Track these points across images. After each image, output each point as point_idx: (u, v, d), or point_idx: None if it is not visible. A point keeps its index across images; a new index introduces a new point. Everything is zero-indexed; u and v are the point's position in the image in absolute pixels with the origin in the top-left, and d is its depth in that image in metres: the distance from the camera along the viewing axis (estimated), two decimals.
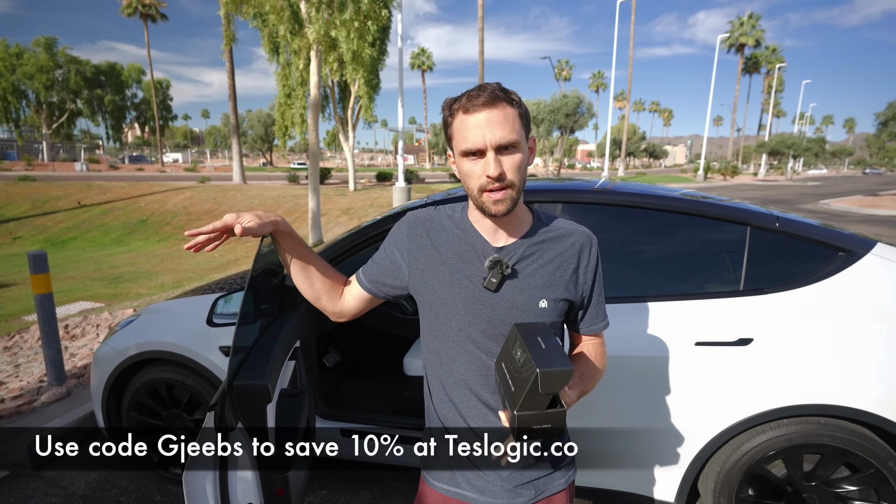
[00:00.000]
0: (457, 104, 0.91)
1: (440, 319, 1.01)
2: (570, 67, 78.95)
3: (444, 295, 1.00)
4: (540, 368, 0.72)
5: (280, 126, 17.79)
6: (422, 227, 1.05)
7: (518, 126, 0.90)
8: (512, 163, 0.90)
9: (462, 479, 1.02)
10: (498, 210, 0.91)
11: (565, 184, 2.17)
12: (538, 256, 0.99)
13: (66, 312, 5.40)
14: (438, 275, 1.01)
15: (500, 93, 0.89)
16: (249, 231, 0.97)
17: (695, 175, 39.43)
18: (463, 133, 0.90)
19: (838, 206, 16.72)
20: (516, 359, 0.81)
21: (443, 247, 1.02)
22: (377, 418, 2.15)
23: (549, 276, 0.98)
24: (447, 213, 1.06)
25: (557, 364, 0.74)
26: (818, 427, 1.63)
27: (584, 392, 0.96)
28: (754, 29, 51.05)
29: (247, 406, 1.14)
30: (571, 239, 1.01)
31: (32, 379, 3.41)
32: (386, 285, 1.09)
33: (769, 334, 1.68)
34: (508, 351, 0.85)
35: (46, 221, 14.26)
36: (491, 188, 0.90)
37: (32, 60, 35.90)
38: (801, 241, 1.79)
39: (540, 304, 0.97)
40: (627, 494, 1.89)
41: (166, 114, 50.25)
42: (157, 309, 2.44)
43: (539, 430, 0.79)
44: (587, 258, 1.01)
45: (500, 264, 0.95)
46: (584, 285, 1.02)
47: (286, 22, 8.67)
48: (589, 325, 1.06)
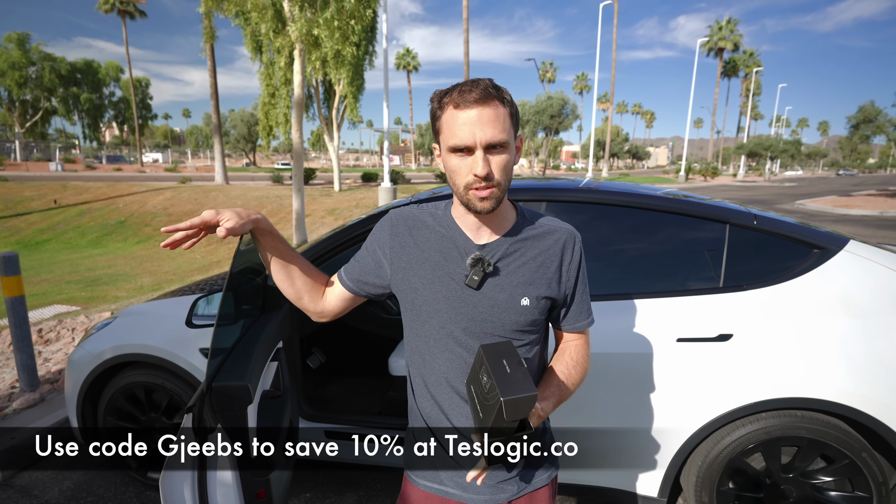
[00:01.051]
0: (447, 98, 0.89)
1: (422, 317, 1.00)
2: (555, 69, 79.65)
3: (425, 293, 0.99)
4: (503, 397, 0.73)
5: (264, 126, 17.58)
6: (404, 225, 1.04)
7: (508, 126, 0.89)
8: (499, 162, 0.89)
9: (445, 475, 1.02)
10: (483, 207, 0.91)
11: (548, 182, 2.19)
12: (521, 254, 0.99)
13: (41, 316, 5.24)
14: (420, 272, 1.00)
15: (493, 90, 0.88)
16: (231, 231, 0.95)
17: (676, 176, 40.14)
18: (452, 129, 0.88)
19: (814, 206, 17.20)
20: (482, 383, 0.81)
21: (425, 244, 1.01)
22: (362, 419, 2.13)
23: (532, 274, 0.98)
24: (430, 211, 1.05)
25: (521, 391, 0.74)
26: (795, 420, 1.67)
27: (561, 400, 0.97)
28: (732, 33, 52.20)
29: (227, 407, 1.12)
30: (555, 236, 1.01)
31: (4, 385, 3.29)
32: (368, 284, 1.08)
33: (748, 330, 1.72)
34: (476, 374, 0.85)
35: (19, 223, 13.82)
36: (477, 186, 0.89)
37: (4, 57, 34.80)
38: (778, 238, 1.83)
39: (522, 302, 0.97)
40: (611, 490, 1.90)
41: (146, 113, 49.20)
42: (134, 311, 2.37)
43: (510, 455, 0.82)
44: (570, 255, 1.01)
45: (481, 262, 0.95)
46: (566, 283, 1.02)
47: (269, 20, 8.57)
48: (572, 323, 1.06)
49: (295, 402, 1.85)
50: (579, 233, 1.05)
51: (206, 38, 10.46)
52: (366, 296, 1.10)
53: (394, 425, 2.05)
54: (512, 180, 0.97)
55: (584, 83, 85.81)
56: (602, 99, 74.78)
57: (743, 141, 53.22)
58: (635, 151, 72.88)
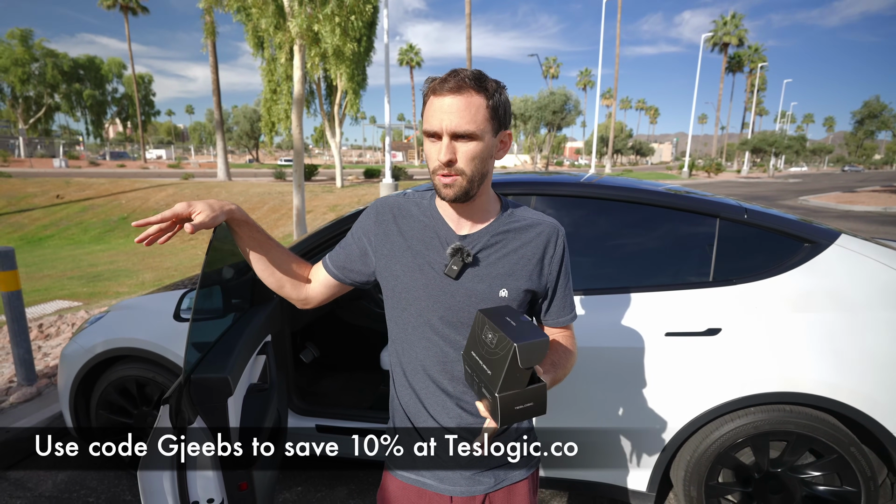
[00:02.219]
0: (431, 84, 0.91)
1: (401, 304, 1.01)
2: (558, 65, 79.26)
3: (405, 280, 0.99)
4: (517, 342, 0.71)
5: (266, 122, 17.57)
6: (389, 213, 1.05)
7: (482, 117, 0.88)
8: (467, 151, 0.89)
9: (422, 465, 1.03)
10: (446, 194, 0.92)
11: (538, 176, 2.18)
12: (502, 246, 0.98)
13: (42, 311, 5.27)
14: (402, 260, 1.00)
15: (471, 80, 0.87)
16: (201, 226, 0.94)
17: (680, 172, 39.94)
18: (428, 114, 0.90)
19: (817, 203, 17.08)
20: (487, 342, 0.79)
21: (409, 233, 1.02)
22: (353, 413, 2.13)
23: (512, 266, 0.98)
24: (415, 200, 1.05)
25: (533, 336, 0.73)
26: (783, 414, 1.66)
27: (556, 379, 0.96)
28: (737, 28, 51.78)
29: (205, 400, 1.12)
30: (537, 229, 1.01)
31: (2, 379, 3.32)
32: (353, 271, 1.07)
33: (736, 324, 1.71)
34: (477, 337, 0.84)
35: (22, 219, 13.90)
36: (441, 172, 0.90)
37: (7, 53, 34.90)
38: (769, 232, 1.82)
39: (500, 294, 0.96)
40: (600, 485, 1.90)
41: (149, 109, 49.32)
42: (126, 305, 2.38)
43: (522, 410, 0.78)
44: (553, 249, 1.01)
45: (461, 252, 0.95)
46: (548, 276, 1.01)
47: (269, 16, 8.55)
48: (555, 318, 1.06)
49: (283, 396, 1.85)
50: (571, 227, 1.04)
51: (207, 34, 10.46)
52: (350, 283, 1.10)
53: (386, 419, 2.05)
54: (489, 173, 0.96)
55: (588, 79, 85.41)
56: (605, 95, 74.39)
57: (747, 137, 52.87)
58: (639, 147, 72.57)
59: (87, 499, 2.21)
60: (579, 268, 1.90)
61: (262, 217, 12.98)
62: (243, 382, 1.41)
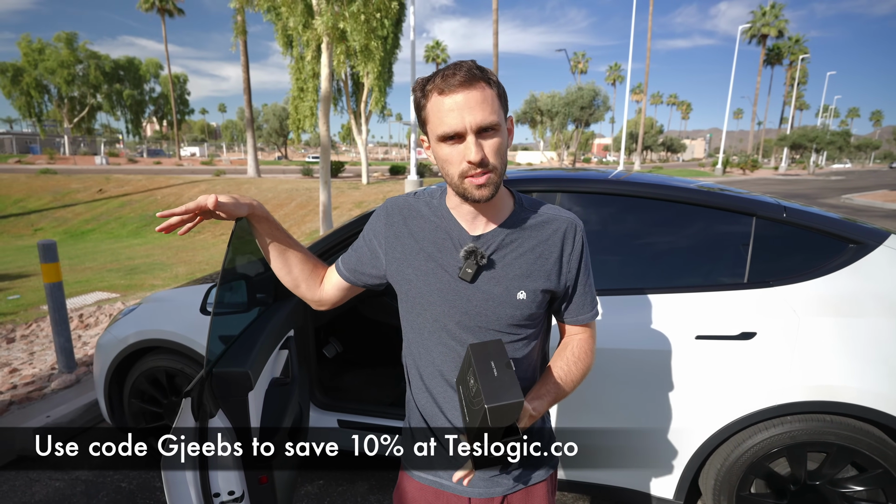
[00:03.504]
0: (430, 84, 0.85)
1: (416, 309, 0.98)
2: (587, 60, 77.75)
3: (419, 285, 0.97)
4: (488, 404, 0.71)
5: (294, 120, 17.88)
6: (399, 215, 1.02)
7: (497, 107, 0.85)
8: (493, 146, 0.85)
9: (440, 466, 1.01)
10: (482, 195, 0.87)
11: (564, 173, 2.12)
12: (518, 245, 0.94)
13: (83, 302, 5.52)
14: (414, 264, 0.98)
15: (478, 71, 0.83)
16: (223, 207, 0.95)
17: (713, 169, 38.61)
18: (439, 116, 0.84)
19: (862, 201, 16.21)
20: (469, 386, 0.79)
21: (420, 234, 0.99)
22: (375, 409, 2.14)
23: (529, 266, 0.94)
24: (425, 200, 1.03)
25: (507, 397, 0.72)
26: (823, 424, 1.57)
27: (557, 399, 0.93)
28: (777, 19, 49.57)
29: (226, 393, 1.13)
30: (554, 225, 0.96)
31: (45, 366, 3.49)
32: (364, 274, 1.06)
33: (773, 328, 1.62)
34: (464, 374, 0.83)
35: (66, 213, 14.61)
36: (472, 174, 0.85)
37: (54, 56, 36.68)
38: (810, 232, 1.72)
39: (518, 296, 0.93)
40: (625, 490, 1.85)
41: (183, 108, 50.97)
42: (157, 298, 2.46)
43: (498, 459, 0.80)
44: (571, 245, 0.96)
45: (475, 254, 0.91)
46: (567, 274, 0.97)
47: (298, 14, 8.69)
48: (574, 316, 1.01)
49: (305, 391, 1.87)
50: (598, 225, 1.00)
51: (237, 33, 10.70)
52: (363, 286, 1.09)
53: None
54: (506, 164, 0.93)
55: (618, 74, 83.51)
56: (636, 90, 72.64)
57: (786, 132, 50.65)
58: (670, 144, 70.51)
59: (119, 483, 2.29)
60: (607, 267, 1.84)
61: (289, 213, 13.24)
62: (265, 376, 1.43)
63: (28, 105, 38.22)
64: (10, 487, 2.27)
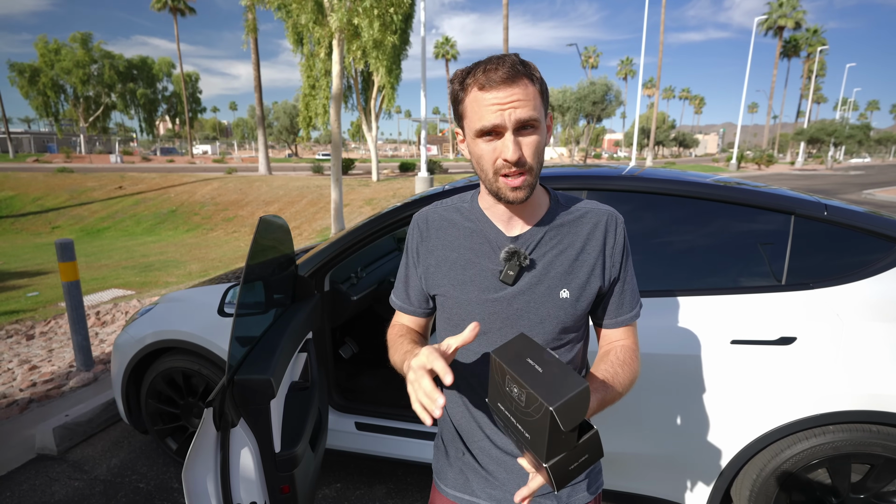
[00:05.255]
0: (470, 78, 0.80)
1: (453, 320, 0.93)
2: (598, 55, 76.84)
3: (456, 295, 0.92)
4: (553, 405, 0.58)
5: (304, 117, 17.90)
6: (427, 227, 0.98)
7: (539, 104, 0.80)
8: (531, 145, 0.80)
9: (476, 485, 0.95)
10: (516, 197, 0.82)
11: (590, 170, 2.05)
12: (558, 242, 0.89)
13: (99, 299, 5.57)
14: (450, 274, 0.93)
15: (521, 67, 0.79)
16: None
17: (727, 164, 37.97)
18: (478, 111, 0.79)
19: (884, 197, 15.79)
20: (514, 397, 0.66)
21: (454, 243, 0.94)
22: (393, 412, 2.10)
23: (571, 263, 0.89)
24: (455, 206, 0.97)
25: (569, 387, 0.60)
26: (869, 435, 1.49)
27: (605, 402, 0.84)
28: (794, 10, 48.42)
29: (249, 402, 1.09)
30: (594, 219, 0.91)
31: (63, 364, 3.51)
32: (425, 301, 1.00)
33: (814, 333, 1.54)
34: (499, 388, 0.70)
35: (82, 211, 14.81)
36: (508, 172, 0.81)
37: (70, 56, 37.19)
38: (853, 231, 1.63)
39: (561, 295, 0.87)
40: (656, 500, 1.78)
41: (195, 106, 51.39)
42: (173, 298, 2.44)
43: (577, 467, 0.66)
44: (613, 238, 0.91)
45: (517, 255, 0.87)
46: (612, 269, 0.91)
47: (309, 12, 8.65)
48: (613, 317, 0.94)
49: (324, 394, 1.83)
50: (628, 224, 0.94)
51: (248, 31, 10.71)
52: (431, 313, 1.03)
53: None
54: (543, 164, 0.86)
55: (629, 68, 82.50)
56: (647, 84, 71.65)
57: (803, 126, 49.57)
58: (682, 139, 69.50)
59: (137, 484, 2.28)
60: (638, 267, 1.77)
61: (301, 210, 13.28)
62: (285, 381, 1.39)
63: (45, 105, 38.83)
64: (30, 487, 2.27)
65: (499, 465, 0.93)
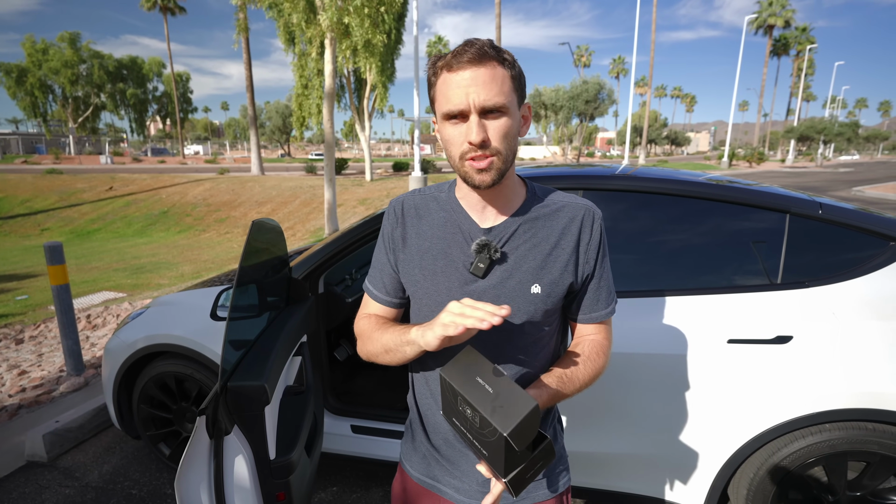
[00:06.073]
0: (441, 61, 0.79)
1: (423, 311, 0.93)
2: (590, 54, 77.10)
3: (426, 285, 0.91)
4: (505, 431, 0.61)
5: (297, 117, 17.84)
6: (402, 213, 0.96)
7: (508, 88, 0.79)
8: (498, 128, 0.79)
9: (439, 471, 0.96)
10: (482, 180, 0.81)
11: (584, 170, 2.04)
12: (532, 235, 0.88)
13: (90, 302, 5.50)
14: (422, 263, 0.91)
15: (490, 49, 0.77)
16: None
17: (719, 162, 38.27)
18: (445, 93, 0.79)
19: (873, 193, 15.98)
20: (468, 417, 0.68)
21: (427, 232, 0.92)
22: (389, 414, 2.08)
23: (545, 258, 0.87)
24: (433, 194, 0.96)
25: (520, 409, 0.63)
26: (866, 433, 1.49)
27: (558, 395, 0.84)
28: (784, 9, 48.84)
29: (243, 408, 1.07)
30: (570, 213, 0.89)
31: (53, 368, 3.45)
32: (401, 290, 0.98)
33: (810, 331, 1.54)
34: (452, 405, 0.73)
35: (72, 213, 14.64)
36: (474, 156, 0.80)
37: (58, 56, 36.75)
38: (848, 229, 1.64)
39: (532, 290, 0.86)
40: (652, 499, 1.78)
41: (187, 106, 50.94)
42: (165, 301, 2.40)
43: (534, 473, 0.70)
44: (589, 234, 0.89)
45: (488, 247, 0.85)
46: (585, 265, 0.89)
47: (300, 11, 8.60)
48: (589, 312, 0.93)
49: (319, 398, 1.81)
50: (619, 224, 0.93)
51: (239, 30, 10.63)
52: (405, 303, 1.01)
53: None
54: (516, 152, 0.85)
55: (621, 67, 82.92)
56: (640, 83, 71.99)
57: (793, 124, 50.04)
58: (674, 137, 69.96)
59: (130, 490, 2.25)
60: (635, 267, 1.77)
61: (294, 211, 13.20)
62: (280, 386, 1.37)
63: (33, 105, 38.34)
64: (19, 495, 2.23)
65: (462, 456, 0.93)
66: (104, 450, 2.59)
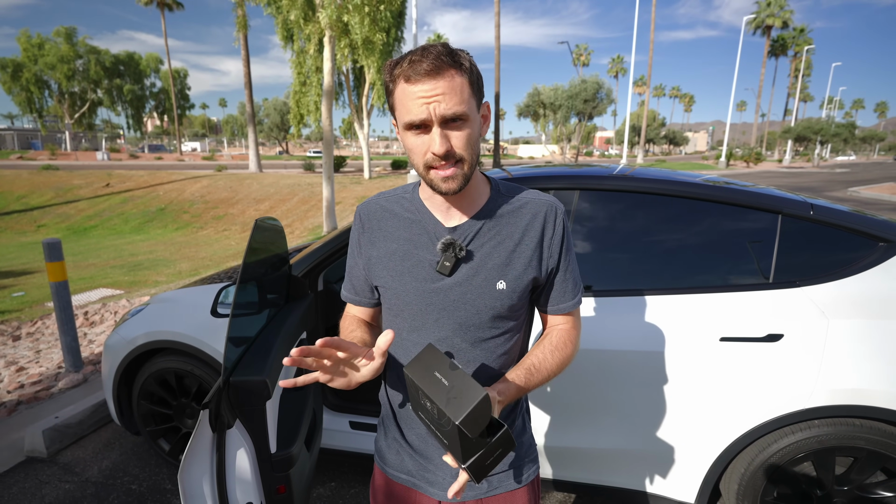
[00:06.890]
0: (398, 69, 0.79)
1: (393, 311, 0.95)
2: (589, 53, 77.15)
3: (395, 286, 0.93)
4: (457, 419, 0.66)
5: (295, 114, 17.79)
6: (368, 217, 0.99)
7: (468, 95, 0.80)
8: (460, 137, 0.80)
9: (412, 465, 0.98)
10: (448, 188, 0.82)
11: (582, 170, 2.07)
12: (496, 233, 0.90)
13: (87, 299, 5.50)
14: (389, 265, 0.94)
15: (447, 58, 0.77)
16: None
17: (716, 162, 38.39)
18: (405, 104, 0.79)
19: (869, 194, 16.08)
20: (429, 410, 0.74)
21: (394, 234, 0.95)
22: None
23: (509, 255, 0.90)
24: (397, 197, 0.98)
25: (469, 400, 0.67)
26: (853, 429, 1.53)
27: (528, 386, 0.88)
28: (782, 10, 49.00)
29: (244, 403, 1.09)
30: (533, 209, 0.92)
31: (52, 365, 3.46)
32: (372, 290, 1.01)
33: (801, 330, 1.58)
34: (416, 399, 0.78)
35: (69, 210, 14.60)
36: (437, 165, 0.81)
37: (54, 51, 36.50)
38: (838, 230, 1.67)
39: (498, 286, 0.89)
40: (645, 494, 1.81)
41: (184, 103, 50.75)
42: (165, 298, 2.42)
43: (493, 461, 0.74)
44: (552, 230, 0.92)
45: (453, 246, 0.87)
46: (549, 260, 0.92)
47: (299, 8, 8.59)
48: (556, 304, 0.96)
49: (318, 395, 1.83)
50: (614, 223, 0.95)
51: (239, 27, 10.61)
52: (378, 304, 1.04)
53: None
54: (479, 153, 0.87)
55: (620, 66, 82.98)
56: (638, 82, 72.14)
57: (790, 124, 50.21)
58: (672, 137, 70.07)
59: (129, 485, 2.27)
60: (628, 267, 1.80)
61: (292, 208, 13.20)
62: (279, 382, 1.40)
63: (29, 101, 38.10)
64: (19, 490, 2.25)
65: (434, 450, 0.95)
66: (104, 445, 2.61)
